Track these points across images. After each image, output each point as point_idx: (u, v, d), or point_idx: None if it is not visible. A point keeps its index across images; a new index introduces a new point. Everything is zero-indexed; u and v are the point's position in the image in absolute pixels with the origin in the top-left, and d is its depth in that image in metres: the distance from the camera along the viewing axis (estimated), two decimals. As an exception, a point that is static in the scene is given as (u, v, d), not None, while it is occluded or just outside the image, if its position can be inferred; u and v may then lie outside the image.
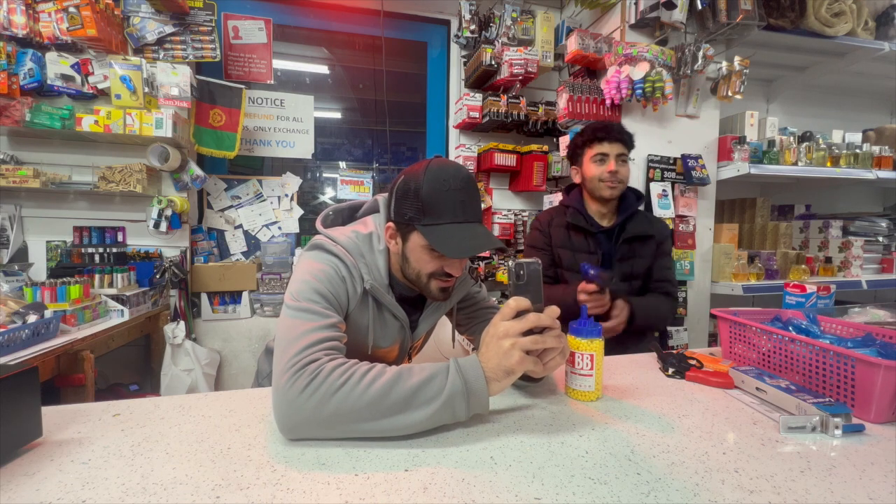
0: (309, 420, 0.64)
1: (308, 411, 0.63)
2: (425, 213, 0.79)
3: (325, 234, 0.89)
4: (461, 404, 0.66)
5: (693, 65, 2.01)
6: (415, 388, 0.65)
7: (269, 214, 2.48)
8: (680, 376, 0.95)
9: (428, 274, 0.84)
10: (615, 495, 0.52)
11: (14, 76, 1.85)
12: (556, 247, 1.59)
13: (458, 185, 0.79)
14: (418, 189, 0.79)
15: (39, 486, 0.53)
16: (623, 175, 1.48)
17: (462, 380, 0.66)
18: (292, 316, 0.74)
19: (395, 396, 0.64)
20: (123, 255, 2.05)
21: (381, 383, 0.64)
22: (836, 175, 2.30)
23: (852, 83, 2.89)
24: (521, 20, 2.32)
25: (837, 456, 0.63)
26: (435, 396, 0.65)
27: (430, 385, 0.65)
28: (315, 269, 0.81)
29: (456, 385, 0.65)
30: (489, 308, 1.09)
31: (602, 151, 1.48)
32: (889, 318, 1.03)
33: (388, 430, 0.64)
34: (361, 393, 0.63)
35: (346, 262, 0.84)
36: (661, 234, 1.55)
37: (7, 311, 1.39)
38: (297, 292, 0.77)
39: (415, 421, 0.64)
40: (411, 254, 0.84)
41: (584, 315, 0.84)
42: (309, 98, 2.50)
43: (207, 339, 2.26)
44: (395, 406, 0.64)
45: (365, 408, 0.63)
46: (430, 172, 0.80)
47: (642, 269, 1.51)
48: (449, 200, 0.78)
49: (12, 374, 0.58)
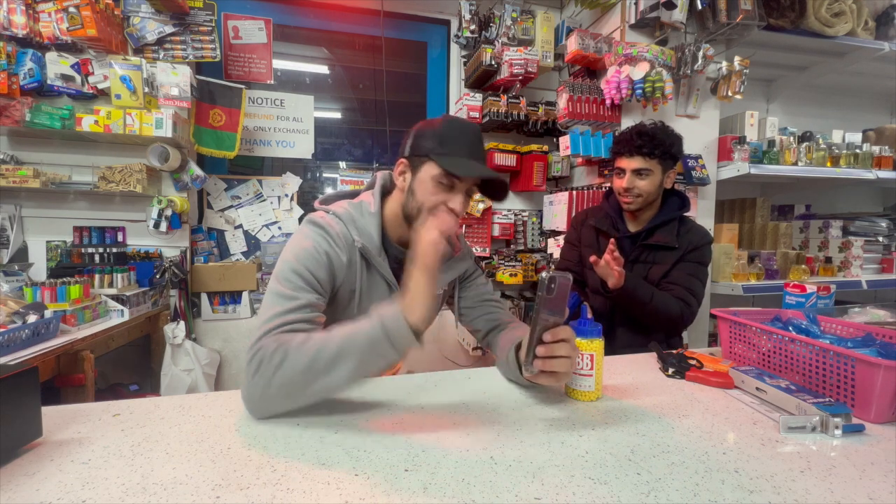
0: (262, 399, 0.70)
1: (258, 393, 0.70)
2: (442, 144, 0.87)
3: (319, 207, 0.96)
4: (384, 348, 0.68)
5: (693, 65, 2.01)
6: (337, 347, 0.68)
7: (269, 214, 2.48)
8: (680, 376, 0.95)
9: (430, 208, 0.88)
10: (615, 495, 0.52)
11: (14, 76, 1.85)
12: (583, 246, 1.58)
13: (471, 130, 0.90)
14: (437, 127, 0.88)
15: (39, 486, 0.53)
16: (641, 189, 1.43)
17: (380, 325, 0.68)
18: (266, 298, 0.81)
19: (325, 358, 0.68)
20: (123, 255, 2.05)
21: (310, 349, 0.69)
22: (836, 175, 2.30)
23: (852, 83, 2.89)
24: (521, 20, 2.32)
25: (837, 456, 0.63)
26: (356, 348, 0.68)
27: (353, 338, 0.69)
28: (298, 247, 0.85)
29: (376, 331, 0.68)
30: (492, 301, 1.08)
31: (619, 166, 1.46)
32: (889, 318, 1.03)
33: (326, 388, 0.69)
34: (294, 362, 0.68)
35: (332, 232, 0.88)
36: (692, 244, 1.45)
37: (7, 311, 1.39)
38: (277, 272, 0.83)
39: (345, 374, 0.68)
40: (419, 186, 0.88)
41: (584, 315, 0.84)
42: (309, 98, 2.50)
43: (207, 339, 2.26)
44: (326, 366, 0.68)
45: (300, 375, 0.68)
46: (446, 118, 0.91)
47: (657, 276, 1.45)
48: (463, 139, 0.88)
49: (12, 374, 0.58)
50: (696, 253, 1.45)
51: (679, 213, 1.48)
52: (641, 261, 1.47)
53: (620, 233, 1.50)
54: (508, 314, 1.08)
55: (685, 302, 1.39)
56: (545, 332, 0.72)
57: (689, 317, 1.41)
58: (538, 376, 0.74)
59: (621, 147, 1.46)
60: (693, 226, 1.51)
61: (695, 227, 1.51)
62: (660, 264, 1.45)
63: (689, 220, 1.53)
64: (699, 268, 1.46)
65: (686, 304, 1.39)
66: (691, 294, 1.41)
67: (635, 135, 1.43)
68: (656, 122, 1.47)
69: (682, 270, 1.44)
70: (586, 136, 2.08)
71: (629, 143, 1.43)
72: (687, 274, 1.43)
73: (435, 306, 0.73)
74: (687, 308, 1.40)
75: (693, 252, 1.44)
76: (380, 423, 0.71)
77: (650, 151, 1.40)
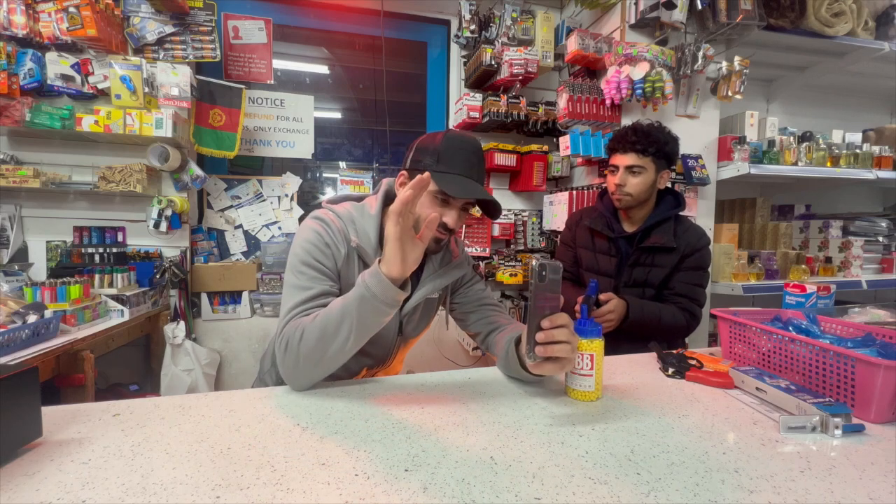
0: (296, 372, 0.82)
1: (291, 367, 0.82)
2: (440, 160, 0.90)
3: (325, 206, 1.03)
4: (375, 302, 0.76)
5: (693, 65, 2.01)
6: (339, 310, 0.78)
7: (269, 214, 2.48)
8: (680, 376, 0.95)
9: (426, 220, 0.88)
10: (615, 495, 0.52)
11: (14, 76, 1.85)
12: (578, 246, 1.57)
13: (471, 149, 0.93)
14: (436, 143, 0.92)
15: (39, 486, 0.53)
16: (631, 188, 1.42)
17: (364, 284, 0.76)
18: (285, 290, 0.92)
19: (332, 323, 0.78)
20: (123, 255, 2.05)
21: (320, 321, 0.79)
22: (836, 175, 2.30)
23: (852, 83, 2.89)
24: (521, 20, 2.32)
25: (837, 456, 0.63)
26: (353, 307, 0.77)
27: (348, 302, 0.78)
28: (303, 239, 0.94)
29: (362, 290, 0.76)
30: (490, 305, 1.09)
31: (613, 162, 1.47)
32: (889, 318, 1.03)
33: (341, 349, 0.79)
34: (310, 335, 0.79)
35: (332, 225, 0.95)
36: (690, 246, 1.44)
37: (7, 311, 1.39)
38: (290, 265, 0.93)
39: (351, 333, 0.78)
40: None
41: (584, 315, 0.84)
42: (309, 98, 2.50)
43: (207, 339, 2.26)
44: (334, 331, 0.78)
45: (317, 342, 0.79)
46: (448, 134, 0.94)
47: (658, 279, 1.45)
48: (461, 157, 0.91)
49: (12, 374, 0.58)
50: (695, 257, 1.45)
51: (674, 211, 1.48)
52: (640, 263, 1.47)
53: (615, 233, 1.50)
54: (507, 317, 1.09)
55: (691, 313, 1.45)
56: (543, 320, 0.72)
57: (695, 324, 1.46)
58: (541, 365, 0.75)
59: (616, 143, 1.47)
60: (690, 225, 1.51)
61: (692, 226, 1.50)
62: (659, 266, 1.45)
63: (685, 218, 1.53)
64: (700, 274, 1.47)
65: (692, 314, 1.45)
66: (695, 303, 1.46)
67: (630, 131, 1.44)
68: (653, 122, 1.48)
69: (683, 280, 1.45)
70: (586, 136, 2.08)
71: (624, 139, 1.44)
72: (689, 283, 1.45)
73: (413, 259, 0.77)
74: (693, 318, 1.45)
75: (692, 256, 1.45)
76: (380, 423, 0.71)
77: (644, 148, 1.41)
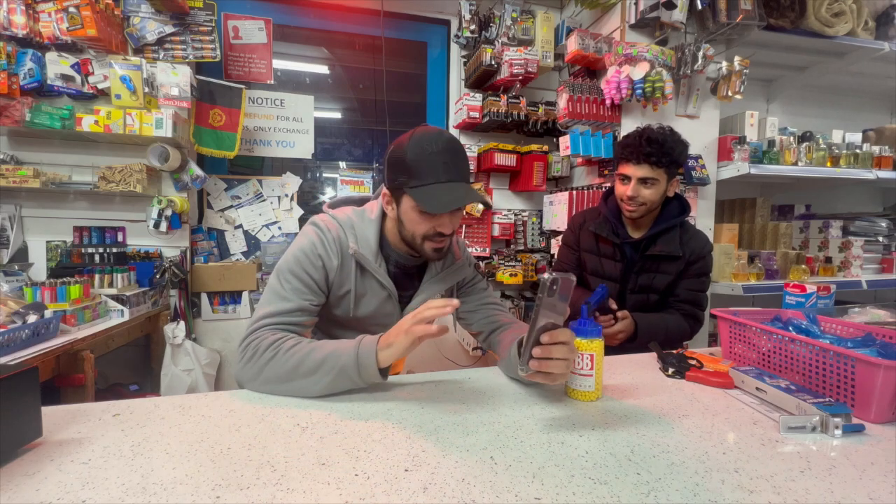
0: (250, 382, 0.83)
1: (249, 377, 0.83)
2: (411, 176, 0.86)
3: (326, 210, 1.02)
4: (354, 375, 0.79)
5: (693, 65, 2.01)
6: (321, 360, 0.79)
7: (269, 214, 2.48)
8: (680, 376, 0.95)
9: (421, 235, 0.91)
10: (615, 495, 0.52)
11: (14, 76, 1.85)
12: (582, 250, 1.56)
13: (439, 148, 0.86)
14: (404, 155, 0.86)
15: (39, 486, 0.53)
16: (644, 198, 1.38)
17: (356, 356, 0.78)
18: (266, 291, 0.92)
19: (308, 365, 0.79)
20: (123, 255, 2.05)
21: (297, 355, 0.80)
22: (836, 175, 2.30)
23: (852, 83, 2.89)
24: (521, 20, 2.32)
25: (837, 456, 0.63)
26: (334, 367, 0.79)
27: (332, 358, 0.79)
28: (297, 247, 0.94)
29: (350, 360, 0.78)
30: (492, 304, 1.10)
31: (625, 173, 1.40)
32: (889, 318, 1.03)
33: (304, 389, 0.80)
34: (283, 362, 0.80)
35: (328, 235, 0.94)
36: (695, 254, 1.43)
37: (7, 311, 1.39)
38: (279, 268, 0.93)
39: (321, 384, 0.79)
40: (405, 216, 0.91)
41: (584, 315, 0.84)
42: (309, 98, 2.50)
43: (207, 339, 2.26)
44: (307, 372, 0.79)
45: (286, 373, 0.80)
46: (413, 139, 0.87)
47: (662, 285, 1.45)
48: (432, 163, 0.85)
49: (12, 374, 0.58)
50: (699, 265, 1.46)
51: (680, 218, 1.46)
52: (646, 270, 1.47)
53: (621, 238, 1.48)
54: (509, 315, 1.09)
55: (695, 318, 1.48)
56: (543, 334, 0.71)
57: (699, 328, 1.50)
58: (532, 376, 0.74)
59: (629, 153, 1.38)
60: (695, 233, 1.50)
61: (697, 234, 1.50)
62: (664, 273, 1.45)
63: (689, 225, 1.53)
64: (704, 280, 1.50)
65: (696, 319, 1.49)
66: (699, 308, 1.49)
67: (644, 141, 1.34)
68: (664, 127, 1.39)
69: (688, 286, 1.47)
70: (586, 136, 2.08)
71: (637, 149, 1.35)
72: (693, 290, 1.47)
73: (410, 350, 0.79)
74: (697, 323, 1.49)
75: (697, 264, 1.46)
76: (380, 423, 0.71)
77: (658, 160, 1.34)
